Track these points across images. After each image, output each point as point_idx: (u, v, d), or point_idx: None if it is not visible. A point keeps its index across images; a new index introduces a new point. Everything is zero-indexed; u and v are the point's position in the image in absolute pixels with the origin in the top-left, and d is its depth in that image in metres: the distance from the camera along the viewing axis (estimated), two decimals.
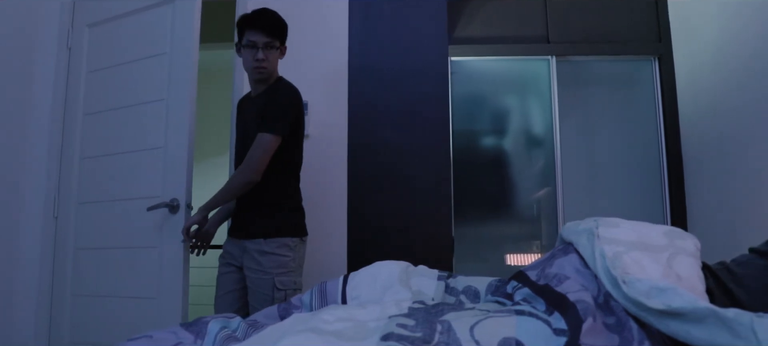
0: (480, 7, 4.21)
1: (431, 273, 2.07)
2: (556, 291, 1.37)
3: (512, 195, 4.09)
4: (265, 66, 2.81)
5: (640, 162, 4.13)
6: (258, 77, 2.85)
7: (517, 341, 1.17)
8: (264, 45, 2.79)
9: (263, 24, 2.80)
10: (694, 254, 1.59)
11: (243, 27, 2.82)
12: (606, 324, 1.26)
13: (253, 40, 2.78)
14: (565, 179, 4.01)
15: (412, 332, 1.17)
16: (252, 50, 2.79)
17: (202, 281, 6.07)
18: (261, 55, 2.79)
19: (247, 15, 2.83)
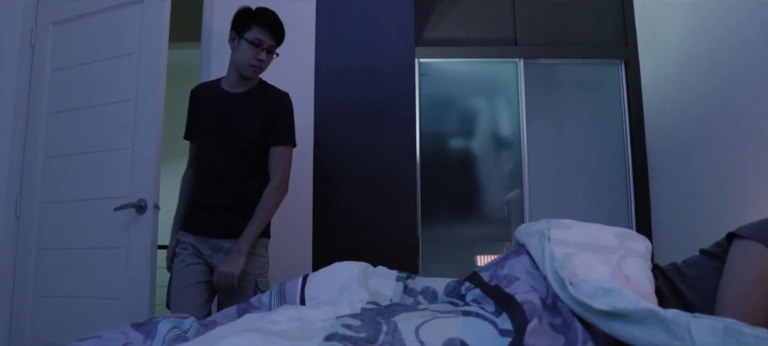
0: (449, 9, 4.23)
1: (390, 274, 2.08)
2: (505, 292, 1.38)
3: (481, 196, 4.12)
4: (262, 68, 2.80)
5: (607, 164, 4.18)
6: (251, 76, 2.80)
7: (462, 341, 1.19)
8: (268, 47, 2.77)
9: (273, 27, 2.77)
10: (645, 256, 1.62)
11: (250, 21, 2.74)
12: (552, 325, 1.28)
13: (259, 38, 2.73)
14: (533, 181, 4.05)
15: (356, 332, 1.19)
16: (255, 48, 2.73)
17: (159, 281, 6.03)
18: (264, 56, 2.75)
19: (258, 11, 2.77)
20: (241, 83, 2.83)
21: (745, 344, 0.99)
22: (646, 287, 1.46)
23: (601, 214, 4.10)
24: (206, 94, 2.87)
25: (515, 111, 4.13)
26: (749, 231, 1.55)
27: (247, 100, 2.82)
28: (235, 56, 2.79)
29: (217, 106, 2.81)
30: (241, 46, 2.75)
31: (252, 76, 2.81)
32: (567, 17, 4.26)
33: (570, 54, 4.21)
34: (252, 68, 2.76)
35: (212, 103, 2.82)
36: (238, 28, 2.77)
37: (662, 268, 1.71)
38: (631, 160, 4.11)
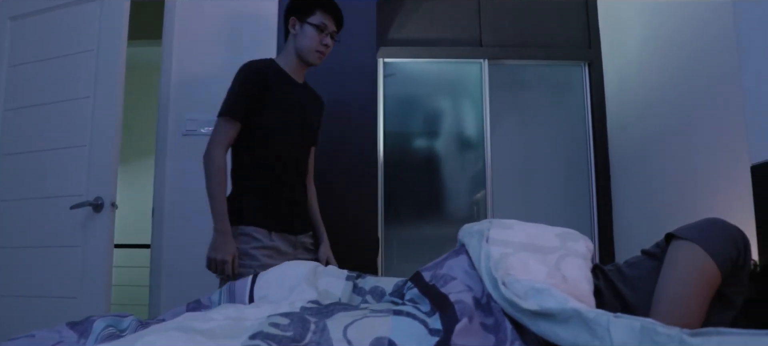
0: (414, 10, 4.24)
1: (340, 273, 2.08)
2: (440, 292, 1.39)
3: (445, 196, 4.13)
4: (326, 54, 2.75)
5: (570, 166, 4.21)
6: (315, 62, 2.74)
7: (390, 340, 1.19)
8: (332, 33, 2.73)
9: (337, 11, 2.73)
10: (585, 256, 1.63)
11: (314, 5, 2.68)
12: (484, 325, 1.29)
13: (324, 22, 2.68)
14: (496, 181, 4.07)
15: (283, 331, 1.18)
16: (320, 33, 2.68)
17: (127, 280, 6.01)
18: (329, 41, 2.72)
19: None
20: (300, 72, 2.78)
21: (658, 343, 1.00)
22: (583, 287, 1.47)
23: (563, 214, 4.13)
24: (276, 81, 2.66)
25: (479, 112, 4.15)
26: (687, 232, 1.57)
27: (310, 92, 2.87)
28: (298, 42, 2.71)
29: (292, 95, 2.71)
30: (305, 31, 2.69)
31: (316, 63, 2.75)
32: (532, 19, 4.29)
33: (534, 55, 4.24)
34: (318, 54, 2.72)
35: (286, 91, 2.69)
36: (299, 13, 2.71)
37: (603, 268, 1.72)
38: (593, 162, 4.14)
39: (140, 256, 5.82)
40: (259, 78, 2.60)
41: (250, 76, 2.60)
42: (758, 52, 2.41)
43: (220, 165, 2.53)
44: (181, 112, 3.52)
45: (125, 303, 5.97)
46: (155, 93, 3.61)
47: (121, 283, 6.21)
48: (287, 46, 2.76)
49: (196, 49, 3.58)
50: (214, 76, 3.55)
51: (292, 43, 2.73)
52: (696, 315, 1.45)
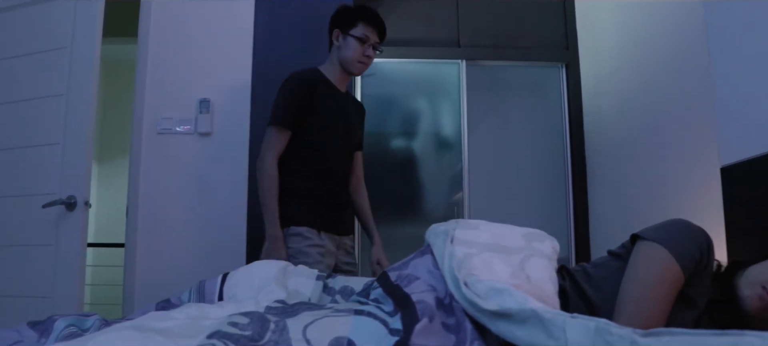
0: (391, 10, 4.24)
1: (310, 273, 2.07)
2: (404, 291, 1.39)
3: (422, 197, 4.13)
4: (368, 65, 2.85)
5: (547, 167, 4.23)
6: (358, 73, 2.88)
7: (350, 340, 1.19)
8: (374, 44, 2.81)
9: (379, 23, 2.81)
10: (550, 257, 1.64)
11: (356, 17, 2.79)
12: (446, 324, 1.29)
13: (368, 35, 2.78)
14: (474, 181, 4.07)
15: (241, 330, 1.18)
16: (362, 45, 2.77)
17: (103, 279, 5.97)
18: (371, 52, 2.81)
19: (362, 8, 2.82)
20: (343, 81, 2.89)
21: (611, 343, 1.01)
22: (547, 287, 1.47)
23: (540, 214, 4.15)
24: (322, 90, 2.81)
25: (457, 112, 4.16)
26: (651, 233, 1.58)
27: (352, 100, 3.01)
28: (341, 53, 2.81)
29: (335, 104, 2.84)
30: (348, 42, 2.79)
31: (359, 73, 2.89)
32: (510, 20, 4.30)
33: (512, 56, 4.25)
34: (361, 65, 2.82)
35: (330, 100, 2.83)
36: (342, 25, 2.81)
37: (569, 268, 1.73)
38: (570, 163, 4.16)
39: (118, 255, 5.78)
40: (306, 87, 2.73)
41: (298, 85, 2.74)
42: (728, 57, 2.44)
43: (272, 173, 2.64)
44: (156, 111, 3.50)
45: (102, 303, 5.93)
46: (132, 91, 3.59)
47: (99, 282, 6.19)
48: (331, 56, 2.87)
49: (171, 48, 3.56)
50: (189, 75, 3.54)
51: (336, 54, 2.84)
52: (658, 315, 1.46)
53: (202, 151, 3.47)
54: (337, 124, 2.82)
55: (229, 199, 3.44)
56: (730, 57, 2.43)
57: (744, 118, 2.35)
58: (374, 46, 2.82)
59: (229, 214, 3.43)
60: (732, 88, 2.42)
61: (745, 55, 2.33)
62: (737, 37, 2.38)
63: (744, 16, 2.34)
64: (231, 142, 3.48)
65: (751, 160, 2.27)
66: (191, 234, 3.42)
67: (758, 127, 2.25)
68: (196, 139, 3.48)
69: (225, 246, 3.39)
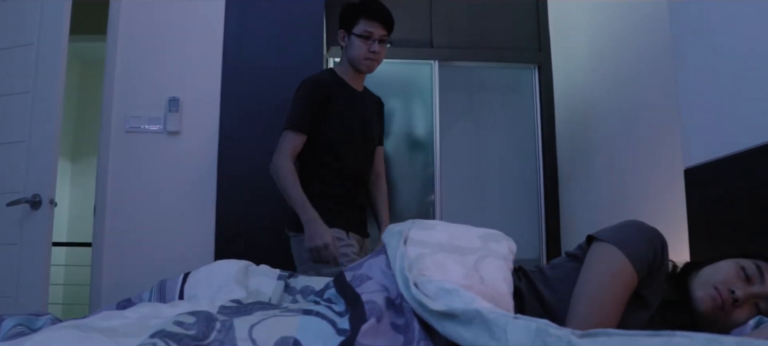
0: None
1: (272, 273, 2.06)
2: (355, 291, 1.38)
3: (395, 197, 4.12)
4: (378, 60, 2.79)
5: (519, 167, 4.24)
6: (367, 71, 2.82)
7: (296, 340, 1.18)
8: (380, 38, 2.76)
9: (380, 15, 2.74)
10: (506, 257, 1.64)
11: (357, 15, 2.75)
12: (395, 324, 1.28)
13: (369, 30, 2.72)
14: (445, 183, 4.07)
15: (186, 329, 1.17)
16: (367, 41, 2.73)
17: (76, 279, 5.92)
18: (377, 47, 2.75)
19: (362, 3, 2.76)
20: (358, 79, 2.86)
21: (548, 343, 1.01)
22: (501, 287, 1.47)
23: (512, 216, 4.16)
24: (337, 92, 2.78)
25: (430, 113, 4.15)
26: (606, 234, 1.58)
27: (369, 97, 2.97)
28: (348, 53, 2.79)
29: (351, 104, 2.81)
30: (352, 42, 2.76)
31: (368, 71, 2.83)
32: (483, 21, 4.30)
33: (485, 57, 4.26)
34: (368, 62, 2.77)
35: (346, 100, 2.80)
36: (345, 25, 2.79)
37: (526, 269, 1.73)
38: (541, 164, 4.17)
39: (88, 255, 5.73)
40: (321, 91, 2.72)
41: (313, 89, 2.72)
42: (692, 60, 2.47)
43: (287, 166, 2.61)
44: (124, 109, 3.48)
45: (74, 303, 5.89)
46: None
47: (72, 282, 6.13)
48: (342, 57, 2.86)
49: (141, 46, 3.53)
50: (159, 74, 3.52)
51: (345, 55, 2.83)
52: (611, 315, 1.47)
53: (171, 150, 3.45)
54: (354, 126, 2.79)
55: (197, 198, 3.43)
56: (694, 60, 2.46)
57: (707, 121, 2.38)
58: (381, 40, 2.76)
59: (198, 213, 3.41)
60: (696, 91, 2.45)
61: (709, 59, 2.36)
62: (701, 40, 2.41)
63: (707, 20, 2.37)
64: (200, 141, 3.46)
65: (713, 162, 2.30)
66: (160, 233, 3.40)
67: (721, 129, 2.28)
68: (165, 138, 3.46)
69: (193, 245, 3.38)
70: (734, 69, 2.20)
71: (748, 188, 2.11)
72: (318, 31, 3.58)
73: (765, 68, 2.04)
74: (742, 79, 2.16)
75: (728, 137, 2.21)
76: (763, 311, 1.52)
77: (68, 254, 6.44)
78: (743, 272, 1.56)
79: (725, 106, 2.26)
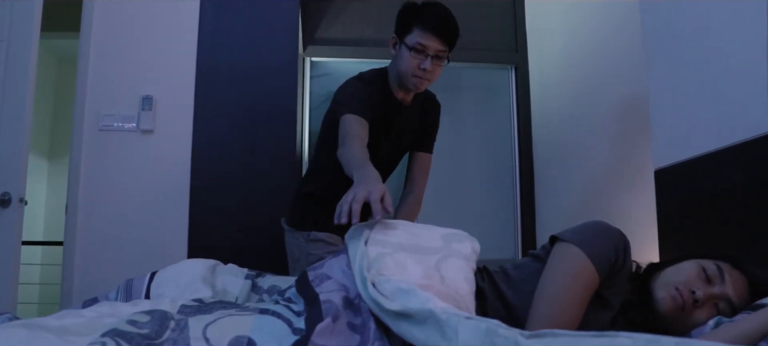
0: (343, 9, 4.23)
1: (239, 272, 2.06)
2: (314, 291, 1.38)
3: None
4: (428, 80, 2.36)
5: (496, 168, 4.25)
6: (414, 89, 2.40)
7: (250, 339, 1.18)
8: (436, 53, 2.32)
9: (440, 27, 2.29)
10: (468, 257, 1.63)
11: (411, 21, 2.30)
12: (352, 324, 1.28)
13: (424, 44, 2.27)
14: None
15: (139, 328, 1.16)
16: (418, 55, 2.29)
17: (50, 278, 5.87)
18: (429, 65, 2.29)
19: (422, 8, 2.32)
20: (407, 93, 2.47)
21: (497, 344, 1.01)
22: (462, 288, 1.47)
23: (488, 216, 4.17)
24: (379, 98, 2.39)
25: None
26: (568, 235, 1.59)
27: (413, 112, 2.55)
28: (397, 64, 2.39)
29: (385, 115, 2.42)
30: (402, 52, 2.34)
31: (415, 90, 2.41)
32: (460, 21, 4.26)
33: (462, 58, 4.25)
34: (415, 80, 2.34)
35: (383, 110, 2.40)
36: (398, 31, 2.37)
37: (489, 270, 1.73)
38: (518, 163, 4.19)
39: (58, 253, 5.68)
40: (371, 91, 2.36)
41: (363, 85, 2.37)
42: (663, 64, 2.48)
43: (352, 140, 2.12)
44: (97, 107, 3.45)
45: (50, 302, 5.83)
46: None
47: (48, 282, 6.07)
48: (392, 63, 2.47)
49: (115, 44, 3.51)
50: (132, 72, 3.49)
51: (394, 64, 2.44)
52: (572, 316, 1.47)
53: (144, 148, 3.43)
54: (379, 136, 2.37)
55: (170, 197, 3.41)
56: (664, 63, 2.47)
57: (677, 123, 2.39)
58: (439, 55, 2.33)
59: (171, 212, 3.39)
60: (665, 94, 2.47)
61: (679, 62, 2.37)
62: (671, 44, 2.42)
63: (678, 23, 2.38)
64: (173, 140, 3.44)
65: (682, 163, 2.31)
66: (132, 232, 3.38)
67: (690, 131, 2.29)
68: (139, 137, 3.44)
69: (166, 244, 3.36)
70: (703, 72, 2.21)
71: (715, 189, 2.12)
72: (293, 31, 3.57)
73: (731, 72, 2.05)
74: (710, 83, 2.17)
75: (697, 139, 2.23)
76: (722, 312, 1.53)
77: (44, 253, 6.38)
78: (704, 272, 1.57)
79: (694, 108, 2.27)
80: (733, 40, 2.05)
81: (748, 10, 1.95)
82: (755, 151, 1.92)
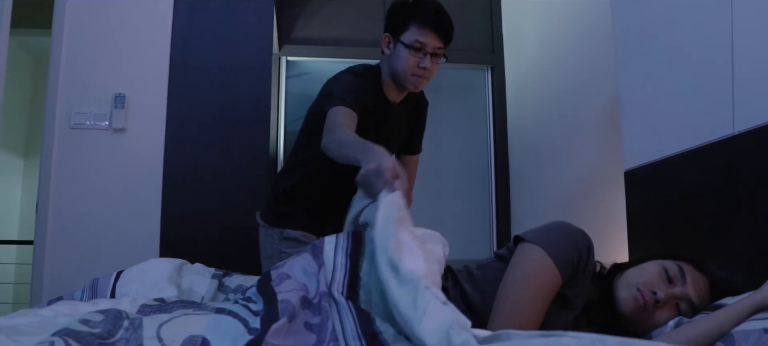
0: (319, 8, 4.22)
1: (206, 271, 2.05)
2: (273, 290, 1.37)
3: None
4: (428, 78, 2.30)
5: (472, 168, 4.26)
6: (413, 89, 2.33)
7: (204, 338, 1.17)
8: (434, 50, 2.24)
9: (438, 24, 2.23)
10: (440, 260, 1.64)
11: (407, 18, 2.23)
12: (309, 324, 1.27)
13: (422, 41, 2.20)
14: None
15: (91, 328, 1.14)
16: (417, 53, 2.22)
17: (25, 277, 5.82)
18: (428, 63, 2.22)
19: (417, 4, 2.25)
20: (395, 92, 2.39)
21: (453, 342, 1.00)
22: None
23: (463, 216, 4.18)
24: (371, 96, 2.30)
25: None
26: (532, 235, 1.59)
27: (402, 110, 2.48)
28: (392, 64, 2.29)
29: (376, 115, 2.34)
30: (398, 51, 2.25)
31: (416, 90, 2.35)
32: None
33: None
34: (415, 79, 2.27)
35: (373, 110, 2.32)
36: (392, 29, 2.29)
37: (453, 269, 1.74)
38: (493, 165, 4.20)
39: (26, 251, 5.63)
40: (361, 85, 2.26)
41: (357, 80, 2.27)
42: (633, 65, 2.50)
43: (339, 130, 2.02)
44: (69, 105, 3.42)
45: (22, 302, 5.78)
46: None
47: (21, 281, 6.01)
48: (383, 63, 2.38)
49: (87, 41, 3.48)
50: (105, 70, 3.46)
51: (387, 63, 2.34)
52: (535, 315, 1.48)
53: (116, 146, 3.41)
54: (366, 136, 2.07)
55: (142, 195, 3.39)
56: (635, 64, 2.49)
57: (647, 124, 2.41)
58: (436, 53, 2.26)
59: (143, 211, 3.38)
60: (635, 96, 2.49)
61: (649, 63, 2.39)
62: (641, 47, 2.45)
63: (648, 24, 2.40)
64: (146, 139, 3.42)
65: (651, 164, 2.33)
66: (104, 231, 3.36)
67: (659, 132, 2.31)
68: (111, 135, 3.41)
69: (138, 243, 3.34)
70: (671, 74, 2.24)
71: (681, 190, 2.14)
72: (268, 30, 3.55)
73: (699, 74, 2.07)
74: (678, 85, 2.19)
75: (665, 141, 2.24)
76: (683, 312, 1.54)
77: (19, 251, 6.32)
78: (666, 273, 1.58)
79: (663, 110, 2.29)
80: (700, 44, 2.07)
81: (714, 15, 1.97)
82: (719, 153, 1.94)
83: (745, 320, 1.32)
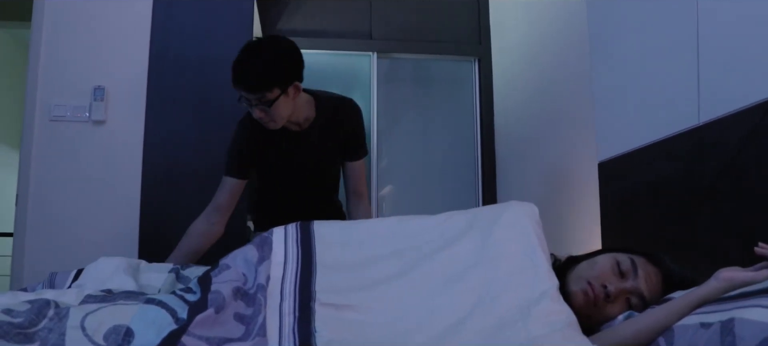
0: (303, 0, 4.20)
1: (163, 268, 2.04)
2: (210, 280, 1.36)
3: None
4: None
5: (458, 159, 4.25)
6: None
7: (128, 328, 1.16)
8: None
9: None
10: None
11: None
12: (240, 315, 1.26)
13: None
14: (384, 174, 4.06)
15: (13, 318, 1.13)
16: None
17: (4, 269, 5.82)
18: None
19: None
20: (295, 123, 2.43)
21: None
22: None
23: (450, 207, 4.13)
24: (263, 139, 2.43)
25: (368, 105, 4.13)
26: None
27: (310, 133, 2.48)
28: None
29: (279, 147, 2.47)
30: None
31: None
32: (423, 13, 4.30)
33: (425, 50, 4.25)
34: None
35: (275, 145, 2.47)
36: None
37: None
38: (480, 156, 4.19)
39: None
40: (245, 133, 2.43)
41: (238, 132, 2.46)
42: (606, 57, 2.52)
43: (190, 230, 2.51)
44: (49, 97, 3.40)
45: None
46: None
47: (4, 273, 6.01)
48: None
49: (66, 33, 3.45)
50: (84, 62, 3.45)
51: None
52: None
53: (95, 139, 3.39)
54: (282, 163, 2.47)
55: (122, 188, 3.38)
56: (608, 56, 2.50)
57: (619, 116, 2.42)
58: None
59: (122, 204, 3.36)
60: (608, 89, 2.50)
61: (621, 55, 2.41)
62: (614, 37, 2.46)
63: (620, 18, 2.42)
64: (125, 131, 3.41)
65: (622, 155, 2.33)
66: (83, 224, 3.35)
67: (631, 124, 2.32)
68: (90, 127, 3.40)
69: (117, 236, 3.33)
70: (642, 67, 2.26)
71: (649, 181, 2.16)
72: (248, 23, 3.53)
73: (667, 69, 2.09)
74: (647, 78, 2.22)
75: (636, 132, 2.25)
76: (634, 307, 1.51)
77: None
78: (618, 266, 1.55)
79: (633, 102, 2.32)
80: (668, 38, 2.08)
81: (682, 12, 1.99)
82: (684, 144, 1.95)
83: (688, 314, 1.30)
